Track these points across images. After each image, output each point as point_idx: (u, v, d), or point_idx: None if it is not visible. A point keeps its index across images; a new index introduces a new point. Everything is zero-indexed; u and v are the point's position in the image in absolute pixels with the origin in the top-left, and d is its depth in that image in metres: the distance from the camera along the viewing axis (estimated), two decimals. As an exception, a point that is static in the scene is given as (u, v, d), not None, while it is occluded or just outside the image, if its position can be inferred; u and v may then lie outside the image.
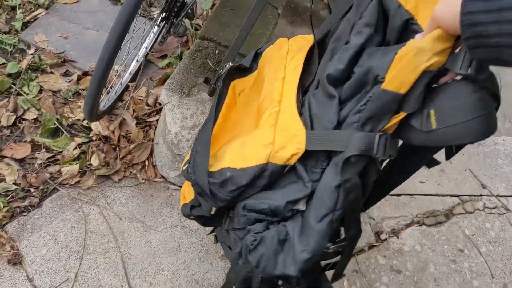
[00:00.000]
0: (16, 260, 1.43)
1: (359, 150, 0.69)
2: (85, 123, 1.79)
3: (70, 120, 1.78)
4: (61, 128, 1.75)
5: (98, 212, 1.60)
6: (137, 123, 1.80)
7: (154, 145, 1.77)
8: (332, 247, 0.88)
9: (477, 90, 0.61)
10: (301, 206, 0.81)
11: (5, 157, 1.64)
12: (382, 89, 0.67)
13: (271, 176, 0.83)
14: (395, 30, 0.71)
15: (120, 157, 1.71)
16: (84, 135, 1.75)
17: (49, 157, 1.67)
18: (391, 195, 2.01)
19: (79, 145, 1.72)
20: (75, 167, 1.65)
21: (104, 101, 1.71)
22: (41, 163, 1.64)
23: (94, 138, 1.74)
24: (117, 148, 1.73)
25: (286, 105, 0.87)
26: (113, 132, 1.74)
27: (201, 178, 0.88)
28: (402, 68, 0.65)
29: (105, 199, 1.64)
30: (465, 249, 1.92)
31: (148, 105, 1.87)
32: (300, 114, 0.84)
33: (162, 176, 1.76)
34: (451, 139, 0.63)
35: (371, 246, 1.84)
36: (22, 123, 1.73)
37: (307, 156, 0.80)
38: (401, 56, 0.65)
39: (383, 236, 1.87)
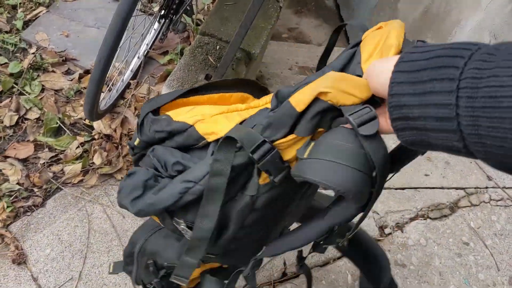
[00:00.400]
0: (20, 260, 1.44)
1: (239, 137, 0.69)
2: (87, 121, 1.79)
3: (72, 119, 1.78)
4: (63, 127, 1.75)
5: (101, 211, 1.61)
6: (139, 121, 1.80)
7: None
8: None
9: (360, 147, 0.59)
10: (181, 168, 0.81)
11: (8, 157, 1.65)
12: (287, 100, 0.66)
13: (187, 138, 0.83)
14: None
15: (123, 155, 1.72)
16: (86, 133, 1.76)
17: (52, 157, 1.68)
18: (396, 188, 2.00)
19: (82, 144, 1.72)
20: (77, 166, 1.66)
21: (106, 100, 1.71)
22: (44, 162, 1.65)
23: (96, 137, 1.74)
24: (119, 146, 1.73)
25: (248, 112, 0.87)
26: (115, 130, 1.75)
27: (144, 109, 0.89)
28: (307, 87, 0.64)
29: (108, 198, 1.64)
30: (471, 242, 1.91)
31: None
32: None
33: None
34: (311, 172, 0.61)
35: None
36: (24, 122, 1.74)
37: None
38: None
39: (387, 231, 1.87)
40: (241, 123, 0.79)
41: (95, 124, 1.75)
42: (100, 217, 1.59)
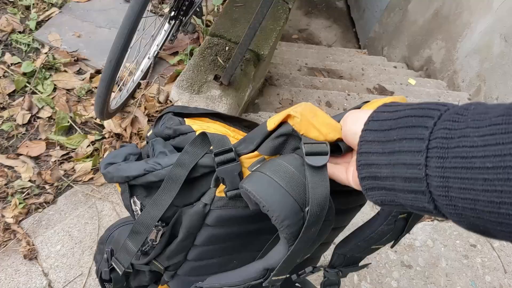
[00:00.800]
0: (31, 256, 1.47)
1: (211, 137, 0.69)
2: (98, 120, 1.82)
3: (84, 118, 1.81)
4: (74, 126, 1.79)
5: (111, 208, 1.64)
6: (148, 120, 1.83)
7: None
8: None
9: (303, 176, 0.59)
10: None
11: (21, 154, 1.68)
12: (267, 120, 0.67)
13: (186, 140, 0.84)
14: None
15: (132, 154, 1.74)
16: (97, 132, 1.79)
17: (63, 155, 1.71)
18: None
19: (92, 143, 1.75)
20: (88, 164, 1.69)
21: (116, 99, 1.74)
22: (56, 160, 1.68)
23: (106, 136, 1.77)
24: (129, 145, 1.76)
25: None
26: (125, 130, 1.77)
27: (170, 108, 0.94)
28: (285, 110, 0.64)
29: (118, 195, 1.67)
30: (478, 244, 1.91)
31: (159, 102, 1.90)
32: None
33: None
34: (248, 182, 0.61)
35: (381, 241, 1.84)
36: (36, 121, 1.77)
37: None
38: None
39: (394, 231, 1.87)
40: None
41: (106, 123, 1.78)
42: (110, 214, 1.62)
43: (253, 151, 0.67)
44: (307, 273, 0.96)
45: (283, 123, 0.63)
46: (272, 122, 0.64)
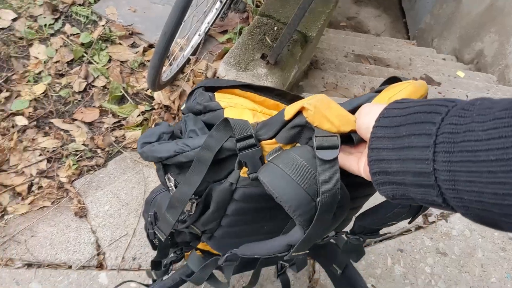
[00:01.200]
0: (82, 214, 1.58)
1: (233, 123, 0.72)
2: (148, 92, 1.90)
3: (135, 89, 1.90)
4: (126, 96, 1.87)
5: (156, 175, 1.72)
6: (196, 95, 1.90)
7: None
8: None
9: (314, 169, 0.61)
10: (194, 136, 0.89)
11: (76, 120, 1.78)
12: (284, 107, 0.71)
13: (214, 118, 0.91)
14: None
15: (179, 125, 1.82)
16: (147, 103, 1.87)
17: (115, 122, 1.80)
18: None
19: (142, 113, 1.84)
20: (137, 133, 1.78)
21: (166, 73, 1.81)
22: (108, 127, 1.78)
23: (156, 107, 1.85)
24: (176, 117, 1.83)
25: None
26: (174, 102, 1.85)
27: (201, 83, 1.00)
28: (301, 100, 0.68)
29: (163, 164, 1.75)
30: (517, 238, 1.88)
31: (207, 77, 1.96)
32: None
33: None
34: (263, 173, 0.65)
35: (418, 228, 1.85)
36: (91, 89, 1.87)
37: None
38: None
39: (431, 219, 1.87)
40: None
41: (156, 94, 1.86)
42: (155, 181, 1.70)
43: (271, 138, 0.70)
44: (330, 237, 1.02)
45: (299, 113, 0.66)
46: (288, 112, 0.67)
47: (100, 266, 1.51)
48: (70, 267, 1.49)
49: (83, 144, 1.72)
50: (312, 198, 0.62)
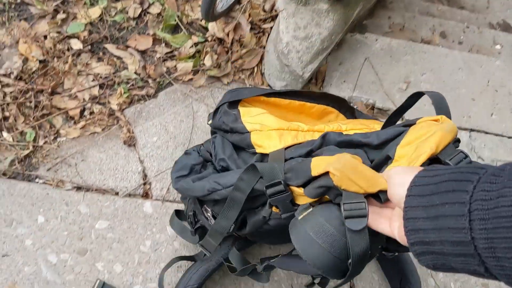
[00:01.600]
0: (131, 142, 1.59)
1: (261, 169, 0.79)
2: (203, 23, 1.84)
3: (190, 18, 1.83)
4: (180, 25, 1.82)
5: (205, 110, 1.69)
6: (251, 28, 1.81)
7: (265, 53, 1.78)
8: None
9: (343, 235, 0.64)
10: (224, 165, 1.01)
11: (129, 47, 1.76)
12: (310, 158, 0.76)
13: (242, 141, 1.01)
14: None
15: (232, 60, 1.76)
16: (200, 34, 1.81)
17: (167, 52, 1.77)
18: (509, 137, 1.85)
19: (195, 44, 1.78)
20: (189, 65, 1.74)
21: (222, 2, 1.73)
22: (160, 57, 1.75)
23: (209, 39, 1.79)
24: (229, 51, 1.77)
25: (307, 134, 0.99)
26: (228, 35, 1.78)
27: (225, 98, 1.11)
28: (327, 158, 0.73)
29: (213, 99, 1.72)
30: None
31: (264, 10, 1.86)
32: None
33: (269, 85, 1.79)
34: (294, 238, 0.69)
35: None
36: (146, 16, 1.83)
37: None
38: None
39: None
40: (289, 147, 0.90)
41: (210, 26, 1.79)
42: (204, 116, 1.68)
43: (299, 186, 0.75)
44: None
45: (325, 174, 0.69)
46: (315, 169, 0.71)
47: (146, 195, 1.54)
48: (117, 193, 1.52)
49: (135, 73, 1.70)
50: (342, 261, 0.65)
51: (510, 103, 1.90)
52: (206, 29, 1.81)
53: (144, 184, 1.54)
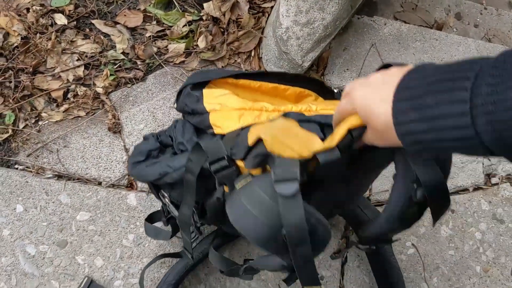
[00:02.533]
0: (116, 129, 1.50)
1: (206, 147, 0.80)
2: (198, -1, 1.71)
3: (184, -7, 1.70)
4: (174, 0, 1.69)
5: (197, 96, 1.59)
6: (250, 8, 1.68)
7: (263, 37, 1.66)
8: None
9: (276, 202, 0.60)
10: (183, 148, 0.97)
11: (118, 23, 1.64)
12: (248, 128, 0.75)
13: (201, 122, 0.95)
14: None
15: (227, 42, 1.64)
16: (195, 12, 1.68)
17: (158, 31, 1.65)
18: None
19: (189, 23, 1.66)
20: (181, 46, 1.62)
21: (219, -21, 1.59)
22: (150, 36, 1.63)
23: (204, 18, 1.66)
24: (225, 32, 1.64)
25: (273, 114, 0.95)
26: (224, 15, 1.65)
27: (189, 80, 1.03)
28: (260, 126, 0.71)
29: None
30: None
31: None
32: None
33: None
34: (229, 209, 0.66)
35: (476, 188, 1.66)
36: (137, -11, 1.70)
37: None
38: None
39: (494, 180, 1.68)
40: (247, 127, 0.82)
41: (206, 4, 1.66)
42: (195, 103, 1.58)
43: (242, 159, 0.72)
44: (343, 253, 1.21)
45: (259, 141, 0.66)
46: (251, 137, 0.68)
47: (130, 186, 1.47)
48: (99, 183, 1.45)
49: (123, 53, 1.59)
50: (277, 231, 0.61)
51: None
52: (202, 6, 1.68)
53: (129, 174, 1.46)
